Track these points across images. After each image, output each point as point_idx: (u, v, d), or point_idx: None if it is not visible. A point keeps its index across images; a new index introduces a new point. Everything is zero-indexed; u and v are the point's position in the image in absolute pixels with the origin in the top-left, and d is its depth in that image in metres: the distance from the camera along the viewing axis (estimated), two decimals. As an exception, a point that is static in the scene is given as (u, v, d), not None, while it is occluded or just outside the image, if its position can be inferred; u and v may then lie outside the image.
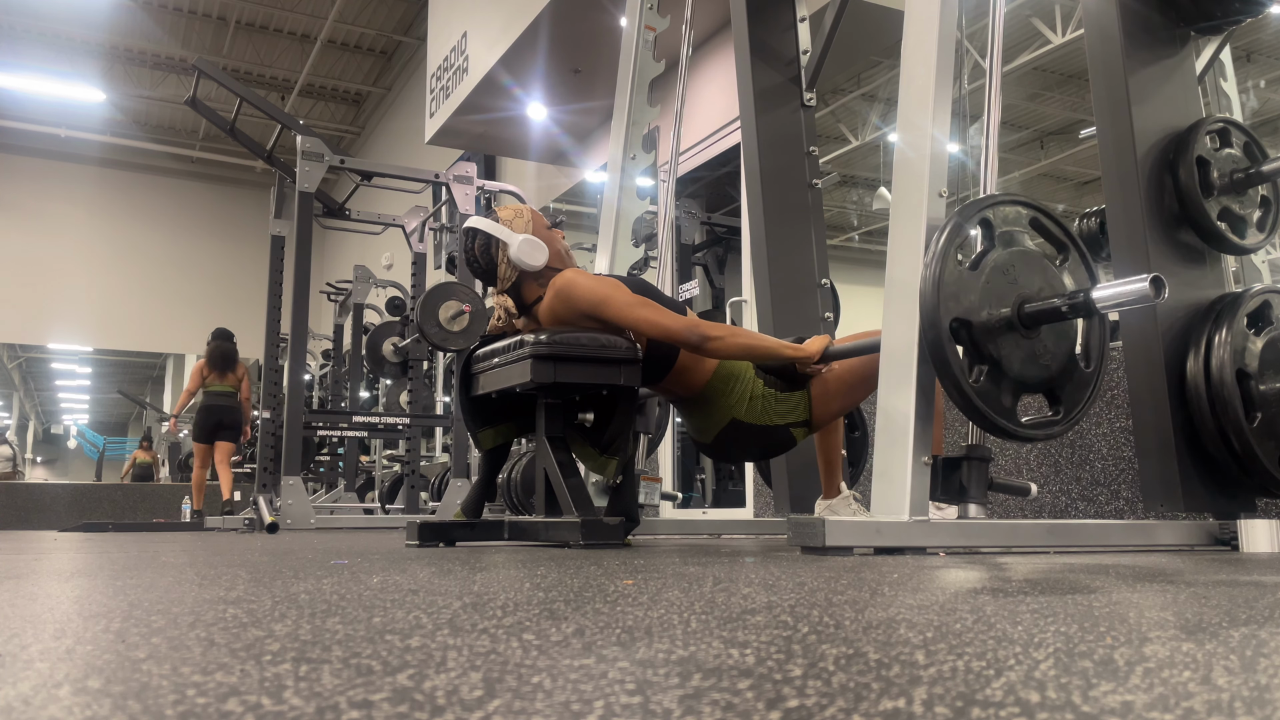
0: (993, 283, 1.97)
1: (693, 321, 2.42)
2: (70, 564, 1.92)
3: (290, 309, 5.93)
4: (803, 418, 2.54)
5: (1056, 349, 2.02)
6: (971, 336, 1.95)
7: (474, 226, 2.56)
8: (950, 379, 1.93)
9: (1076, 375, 2.06)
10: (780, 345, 2.47)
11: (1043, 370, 2.00)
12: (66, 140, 13.77)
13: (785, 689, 0.52)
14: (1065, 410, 2.05)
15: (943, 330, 1.92)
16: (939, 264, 1.94)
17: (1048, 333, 2.01)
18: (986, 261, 1.98)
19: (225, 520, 6.62)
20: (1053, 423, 2.04)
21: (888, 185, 4.81)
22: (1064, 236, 2.10)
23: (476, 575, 1.38)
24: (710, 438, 2.60)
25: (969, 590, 1.12)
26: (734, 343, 2.41)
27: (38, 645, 0.71)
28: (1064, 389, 2.05)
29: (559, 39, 6.12)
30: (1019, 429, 1.99)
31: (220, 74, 6.19)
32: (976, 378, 1.95)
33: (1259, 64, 8.47)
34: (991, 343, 1.95)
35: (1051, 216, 2.10)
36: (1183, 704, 0.48)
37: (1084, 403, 2.06)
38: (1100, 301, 1.95)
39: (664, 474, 5.46)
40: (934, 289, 1.93)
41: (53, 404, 24.69)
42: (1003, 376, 1.97)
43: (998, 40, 2.21)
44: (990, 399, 1.95)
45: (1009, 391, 1.98)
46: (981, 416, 1.95)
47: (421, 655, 0.64)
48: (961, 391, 1.92)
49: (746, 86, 3.57)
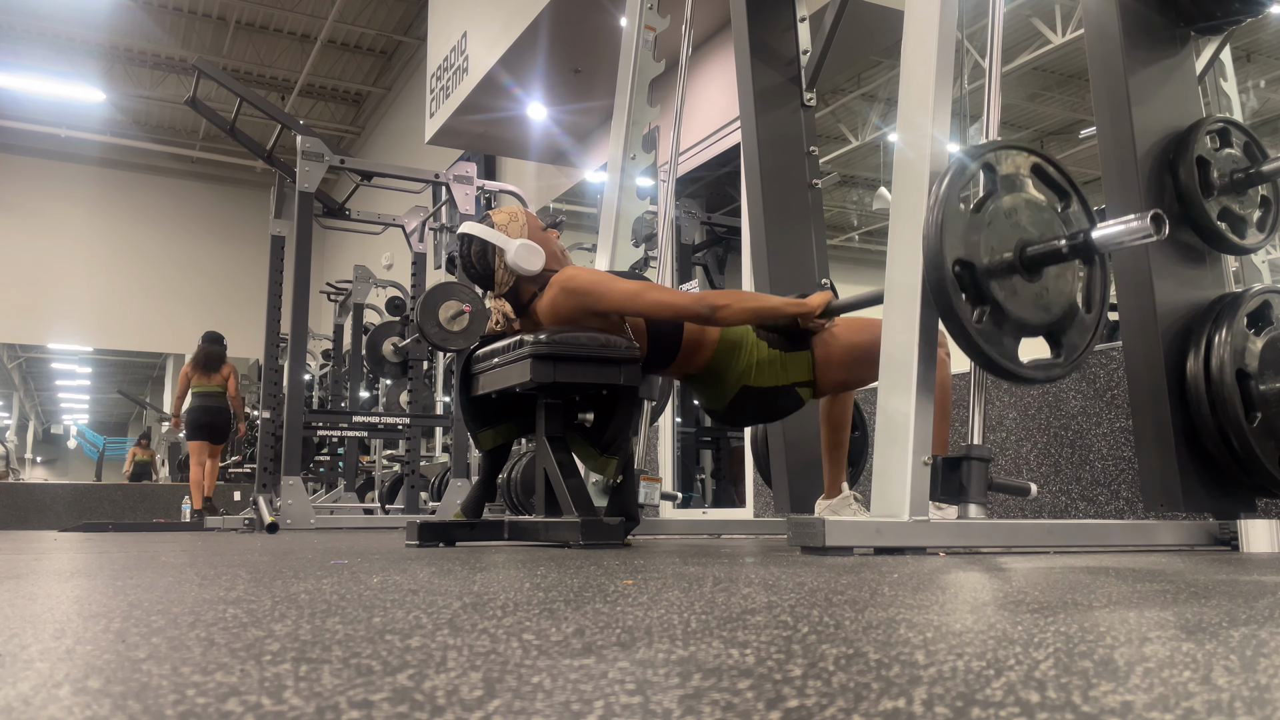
0: (995, 226, 1.99)
1: (699, 295, 2.45)
2: (70, 564, 1.92)
3: (290, 309, 5.93)
4: (807, 378, 2.57)
5: (1058, 293, 2.04)
6: (974, 279, 1.97)
7: (469, 233, 2.55)
8: (954, 319, 1.95)
9: (1078, 319, 2.08)
10: (783, 302, 2.51)
11: (1044, 313, 2.02)
12: (66, 140, 13.77)
13: (785, 689, 0.52)
14: (1066, 353, 2.06)
15: (946, 272, 1.94)
16: (942, 206, 1.96)
17: (1049, 276, 2.03)
18: (989, 205, 2.01)
19: (224, 520, 6.63)
20: (1054, 365, 2.06)
21: (888, 185, 4.81)
22: (1066, 184, 2.12)
23: (476, 575, 1.38)
24: (723, 405, 2.63)
25: (969, 590, 1.12)
26: (741, 307, 2.44)
27: (38, 645, 0.71)
28: (1065, 332, 2.07)
29: (559, 39, 6.12)
30: (1021, 370, 2.00)
31: (220, 74, 6.19)
32: (979, 319, 1.97)
33: (1259, 64, 8.47)
34: (994, 285, 1.97)
35: (1054, 164, 2.12)
36: (1183, 704, 0.48)
37: (1084, 346, 2.08)
38: (1100, 241, 1.96)
39: (664, 474, 5.46)
40: (937, 231, 1.95)
41: (53, 404, 24.68)
42: (1005, 318, 1.98)
43: (998, 40, 2.21)
44: (992, 340, 1.97)
45: (1011, 334, 2.00)
46: (985, 358, 1.97)
47: (421, 655, 0.64)
48: (965, 332, 1.95)
49: (746, 86, 3.57)
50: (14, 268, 14.11)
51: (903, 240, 2.12)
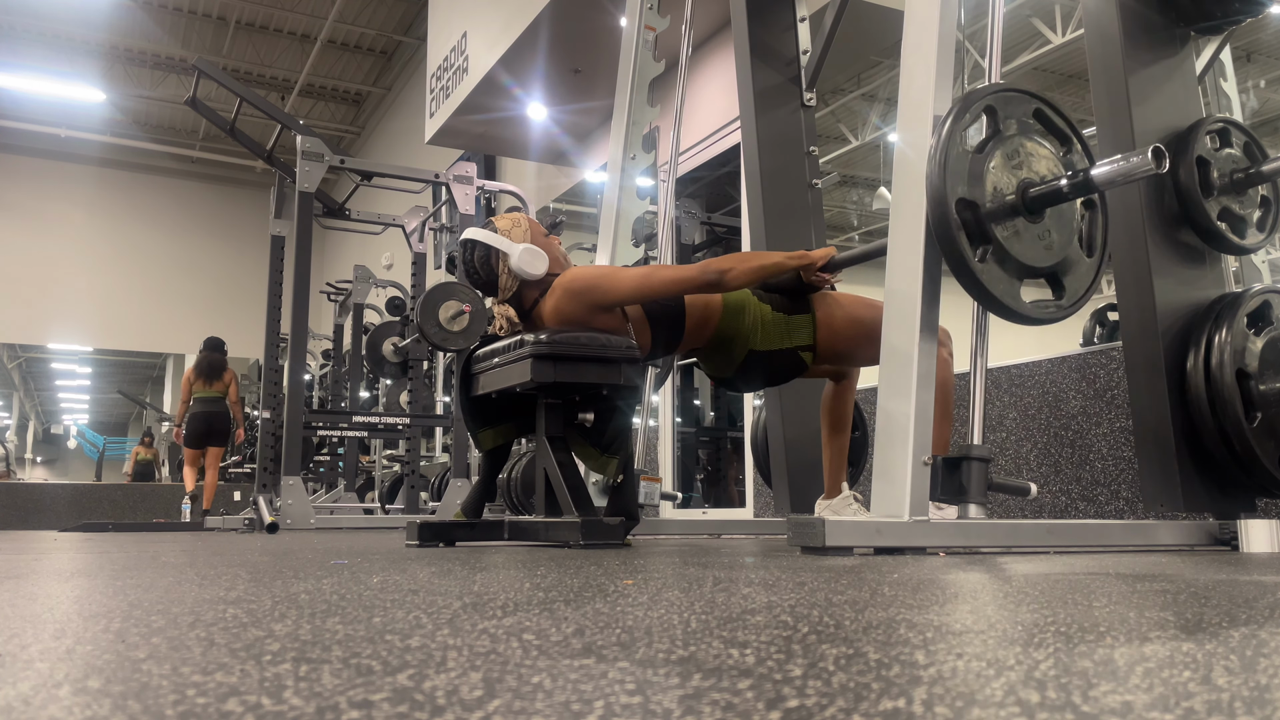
0: (997, 167, 2.01)
1: (703, 265, 2.46)
2: (70, 564, 1.92)
3: (290, 309, 5.93)
4: (809, 341, 2.59)
5: (1060, 236, 2.05)
6: (977, 219, 1.98)
7: (473, 238, 2.55)
8: (957, 258, 1.96)
9: (1079, 262, 2.09)
10: (785, 256, 2.52)
11: (1047, 254, 2.03)
12: (66, 140, 13.77)
13: (785, 689, 0.52)
14: (1068, 295, 2.08)
15: (949, 211, 1.95)
16: (945, 147, 1.97)
17: (1051, 218, 2.04)
18: (991, 147, 2.02)
19: (224, 520, 6.63)
20: (1056, 305, 2.07)
21: (888, 185, 4.81)
22: (1067, 128, 2.13)
23: (476, 575, 1.38)
24: (731, 372, 2.65)
25: (969, 590, 1.12)
26: (745, 268, 2.45)
27: (38, 645, 0.71)
28: (1067, 275, 2.08)
29: (559, 39, 6.12)
30: (1023, 308, 2.01)
31: (220, 74, 6.19)
32: (982, 258, 1.98)
33: (1259, 64, 8.47)
34: (997, 225, 1.99)
35: (1055, 108, 2.13)
36: (1183, 704, 0.48)
37: (1086, 290, 2.10)
38: (1100, 178, 1.97)
39: (664, 474, 5.46)
40: (940, 170, 1.96)
41: (53, 404, 24.68)
42: (1007, 258, 2.00)
43: (998, 40, 2.21)
44: (995, 279, 1.98)
45: (1013, 273, 2.01)
46: (988, 296, 1.98)
47: (421, 655, 0.64)
48: (968, 270, 1.96)
49: (746, 86, 3.57)
50: (14, 268, 14.11)
51: (903, 240, 2.12)
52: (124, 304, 14.86)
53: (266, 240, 6.94)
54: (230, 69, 12.51)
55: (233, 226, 15.44)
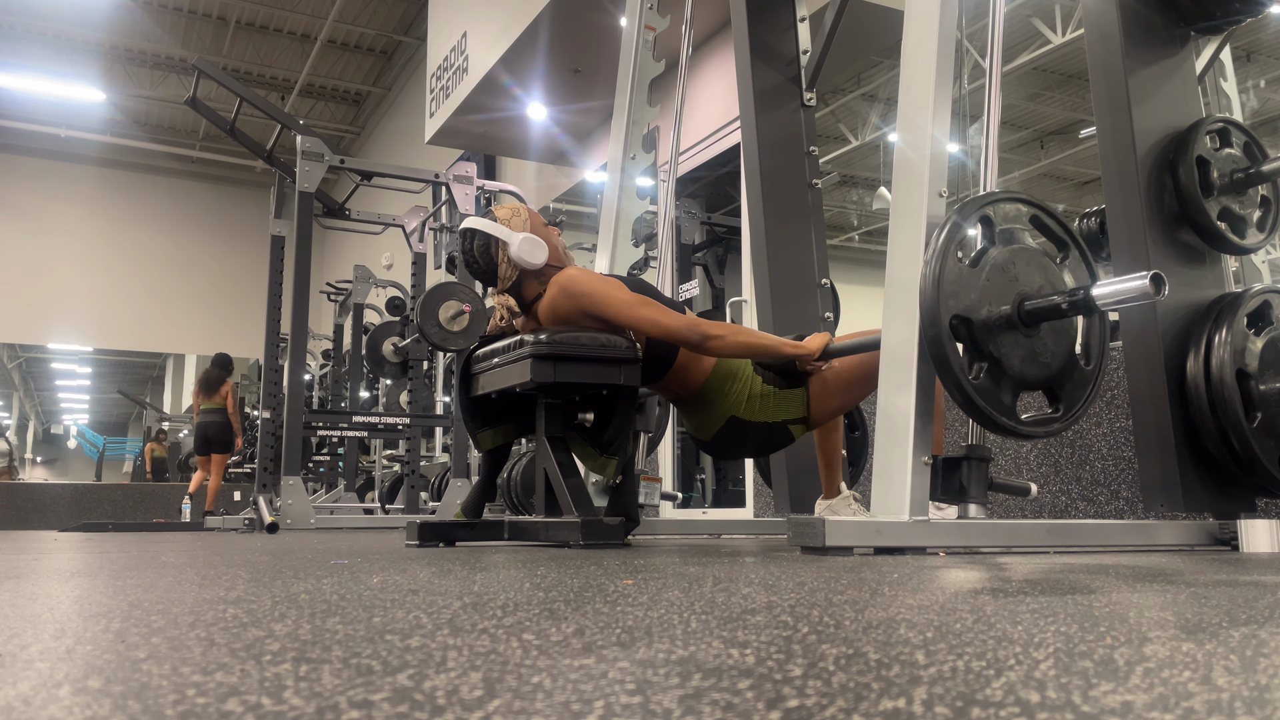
0: (993, 280, 1.97)
1: (693, 320, 2.42)
2: (70, 564, 1.92)
3: (290, 309, 5.93)
4: (801, 415, 2.55)
5: (1057, 347, 2.02)
6: (971, 334, 1.96)
7: (472, 227, 2.55)
8: (950, 376, 1.93)
9: (1076, 373, 2.07)
10: (780, 343, 2.47)
11: (1043, 368, 2.01)
12: (66, 140, 13.76)
13: (785, 689, 0.52)
14: (1065, 408, 2.05)
15: (943, 327, 1.92)
16: (939, 261, 1.94)
17: (1048, 330, 2.01)
18: (987, 259, 1.99)
19: (224, 520, 6.63)
20: (1052, 420, 2.04)
21: (888, 185, 4.81)
22: (1064, 234, 2.10)
23: (476, 575, 1.38)
24: (710, 435, 2.60)
25: (969, 590, 1.12)
26: (734, 341, 2.42)
27: (38, 645, 0.71)
28: (1064, 387, 2.05)
29: (559, 39, 6.12)
30: (1019, 426, 1.99)
31: (220, 74, 6.19)
32: (976, 375, 1.95)
33: (1259, 64, 8.47)
34: (991, 340, 1.96)
35: (1052, 214, 2.10)
36: (1183, 704, 0.48)
37: (1084, 400, 2.07)
38: (1100, 299, 1.95)
39: (664, 474, 5.46)
40: (934, 286, 1.93)
41: (53, 404, 24.67)
42: (1003, 374, 1.97)
43: (998, 40, 2.21)
44: (990, 396, 1.95)
45: (1009, 389, 1.98)
46: (981, 414, 1.95)
47: (421, 655, 0.64)
48: (961, 389, 1.93)
49: (746, 86, 3.57)
50: (14, 268, 14.10)
51: (902, 240, 2.12)
52: (124, 304, 14.85)
53: (266, 240, 6.94)
54: (230, 69, 12.50)
55: (233, 226, 15.43)
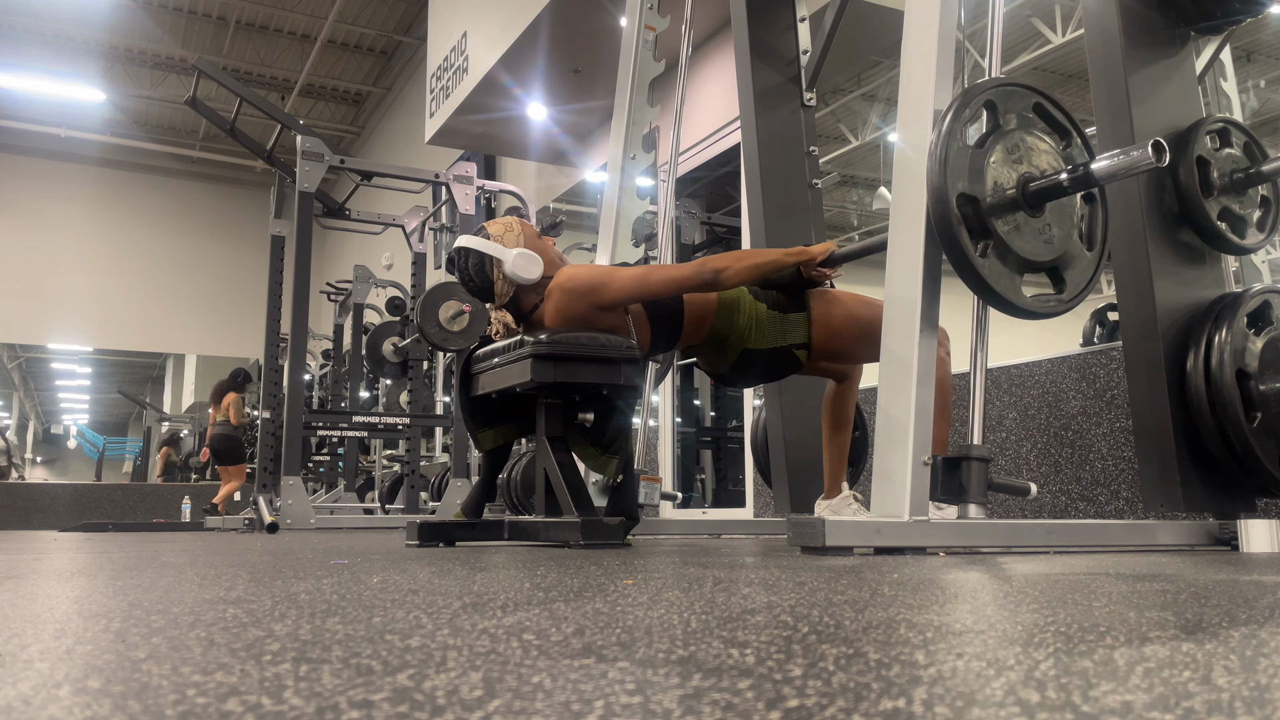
0: (998, 161, 2.01)
1: (698, 263, 2.46)
2: (70, 564, 1.92)
3: (290, 309, 5.93)
4: (804, 340, 2.59)
5: (1060, 230, 2.05)
6: (978, 214, 1.98)
7: (465, 246, 2.55)
8: (958, 253, 1.96)
9: (1079, 256, 2.09)
10: (783, 252, 2.53)
11: (1047, 249, 2.04)
12: (66, 140, 13.76)
13: (785, 689, 0.52)
14: (1069, 290, 2.08)
15: (950, 206, 1.95)
16: (945, 142, 1.97)
17: (1052, 212, 2.04)
18: (991, 141, 2.02)
19: (224, 520, 6.64)
20: (1057, 300, 2.07)
21: (888, 185, 4.81)
22: (1067, 122, 2.13)
23: (476, 575, 1.38)
24: (726, 368, 2.66)
25: (969, 590, 1.12)
26: (741, 266, 2.45)
27: (38, 645, 0.71)
28: (1067, 269, 2.08)
29: (559, 39, 6.12)
30: (1024, 302, 2.01)
31: (220, 74, 6.19)
32: (983, 252, 1.98)
33: (1259, 64, 8.47)
34: (998, 220, 1.99)
35: (1055, 102, 2.13)
36: (1183, 704, 0.48)
37: (1087, 284, 2.10)
38: (1100, 171, 1.97)
39: (664, 474, 5.46)
40: (941, 166, 1.96)
41: (53, 404, 24.68)
42: (1009, 253, 2.00)
43: (998, 40, 2.21)
44: (996, 274, 1.98)
45: (1014, 268, 2.01)
46: (990, 292, 1.98)
47: (421, 655, 0.64)
48: (969, 265, 1.96)
49: (746, 86, 3.57)
50: (14, 268, 14.10)
51: (902, 240, 2.12)
52: (124, 304, 14.85)
53: (266, 240, 6.94)
54: (230, 69, 12.50)
55: (233, 226, 15.43)
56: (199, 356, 17.27)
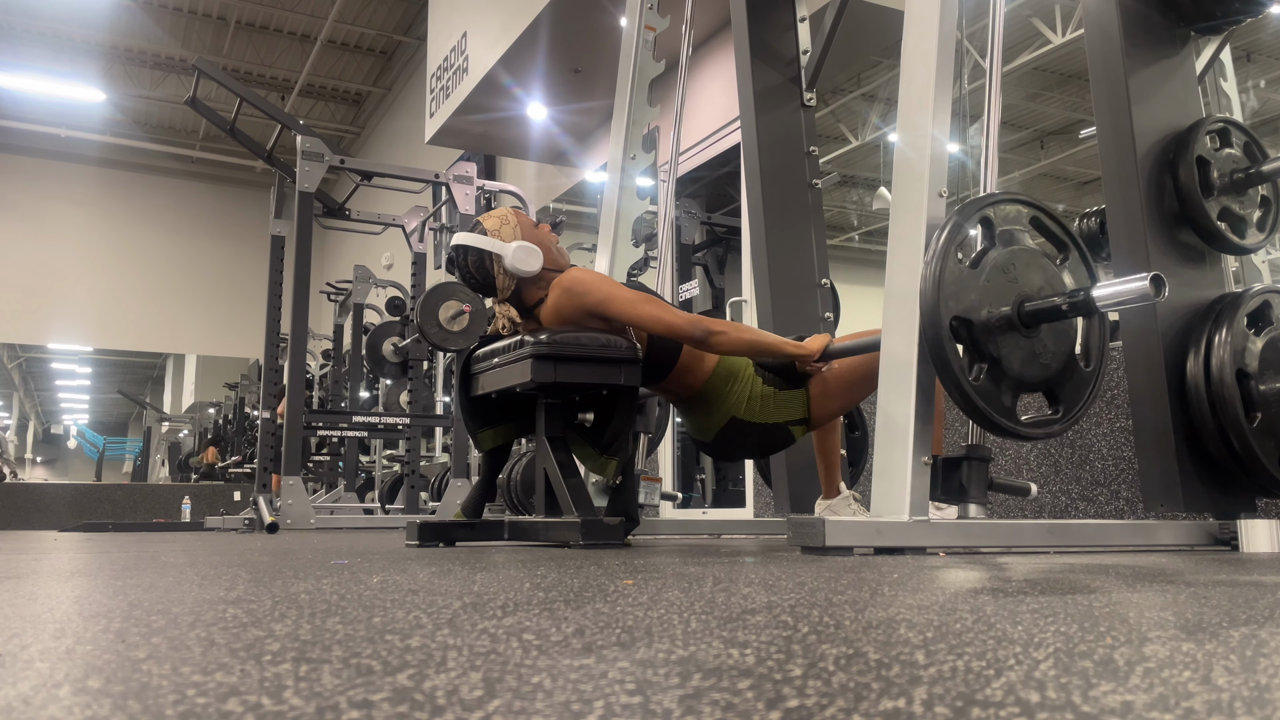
0: (993, 281, 1.98)
1: (696, 317, 2.43)
2: (70, 564, 1.92)
3: (290, 309, 5.93)
4: (801, 416, 2.55)
5: (1056, 348, 2.02)
6: (971, 335, 1.96)
7: (463, 243, 2.54)
8: (950, 378, 1.93)
9: (1076, 374, 2.07)
10: (782, 342, 2.48)
11: (1043, 369, 2.01)
12: (66, 140, 13.76)
13: (785, 689, 0.52)
14: (1065, 409, 2.05)
15: (943, 329, 1.92)
16: (939, 262, 1.94)
17: (1048, 331, 2.01)
18: (986, 260, 1.99)
19: (224, 520, 6.64)
20: (1052, 421, 2.04)
21: (888, 185, 4.81)
22: (1064, 235, 2.10)
23: (476, 575, 1.38)
24: (710, 436, 2.60)
25: (969, 590, 1.12)
26: (737, 338, 2.42)
27: (38, 645, 0.71)
28: (1064, 388, 2.05)
29: (559, 39, 6.12)
30: (1019, 428, 1.99)
31: (220, 74, 6.19)
32: (976, 376, 1.95)
33: (1259, 64, 8.47)
34: (991, 341, 1.96)
35: (1052, 215, 2.10)
36: (1183, 704, 0.48)
37: (1084, 401, 2.07)
38: (1100, 300, 1.95)
39: (664, 474, 5.46)
40: (934, 287, 1.94)
41: (53, 404, 24.68)
42: (1003, 375, 1.97)
43: (998, 40, 2.21)
44: (990, 398, 1.95)
45: (1009, 390, 1.98)
46: (982, 415, 1.95)
47: (421, 655, 0.64)
48: (962, 390, 1.93)
49: (746, 86, 3.57)
50: (14, 268, 14.10)
51: (902, 240, 2.12)
52: (124, 304, 14.85)
53: (266, 240, 6.94)
54: (230, 69, 12.50)
55: (233, 226, 15.43)
56: (199, 356, 17.28)
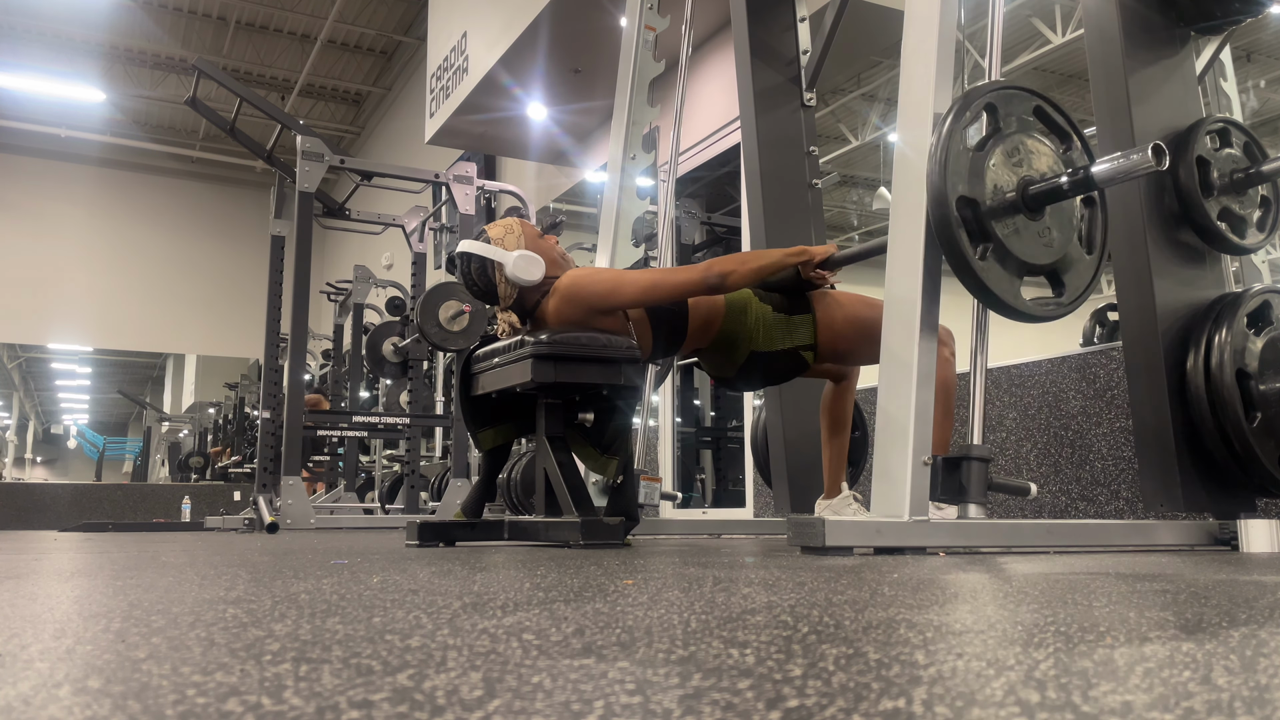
0: (998, 164, 2.01)
1: (705, 267, 2.45)
2: (70, 564, 1.92)
3: (290, 309, 5.93)
4: (810, 341, 2.59)
5: (1060, 234, 2.05)
6: (977, 217, 1.98)
7: (466, 251, 2.55)
8: (958, 256, 1.96)
9: (1079, 259, 2.10)
10: (784, 253, 2.53)
11: (1047, 252, 2.04)
12: (66, 140, 13.76)
13: (785, 689, 0.52)
14: (1068, 293, 2.08)
15: (950, 209, 1.95)
16: (945, 145, 1.97)
17: (1052, 215, 2.04)
18: (991, 144, 2.02)
19: (224, 520, 6.64)
20: (1056, 303, 2.07)
21: (888, 185, 4.81)
22: (1067, 126, 2.13)
23: (476, 575, 1.38)
24: (732, 372, 2.65)
25: (969, 590, 1.12)
26: (747, 270, 2.46)
27: (38, 645, 0.71)
28: (1067, 272, 2.08)
29: (559, 39, 6.12)
30: (1024, 305, 2.01)
31: (220, 74, 6.19)
32: (982, 255, 1.98)
33: (1259, 64, 8.47)
34: (997, 223, 1.99)
35: (1055, 105, 2.13)
36: (1183, 704, 0.48)
37: (1086, 287, 2.10)
38: (1100, 175, 1.97)
39: (664, 474, 5.46)
40: (940, 169, 1.96)
41: (53, 404, 24.68)
42: (1008, 256, 2.00)
43: (998, 40, 2.21)
44: (995, 277, 1.98)
45: (1014, 271, 2.01)
46: (988, 294, 1.98)
47: (421, 655, 0.64)
48: (970, 270, 1.96)
49: (746, 86, 3.57)
50: (14, 268, 14.10)
51: (902, 240, 2.12)
52: (124, 304, 14.85)
53: (266, 240, 6.94)
54: (230, 69, 12.50)
55: (233, 226, 15.43)
56: (199, 356, 17.28)
